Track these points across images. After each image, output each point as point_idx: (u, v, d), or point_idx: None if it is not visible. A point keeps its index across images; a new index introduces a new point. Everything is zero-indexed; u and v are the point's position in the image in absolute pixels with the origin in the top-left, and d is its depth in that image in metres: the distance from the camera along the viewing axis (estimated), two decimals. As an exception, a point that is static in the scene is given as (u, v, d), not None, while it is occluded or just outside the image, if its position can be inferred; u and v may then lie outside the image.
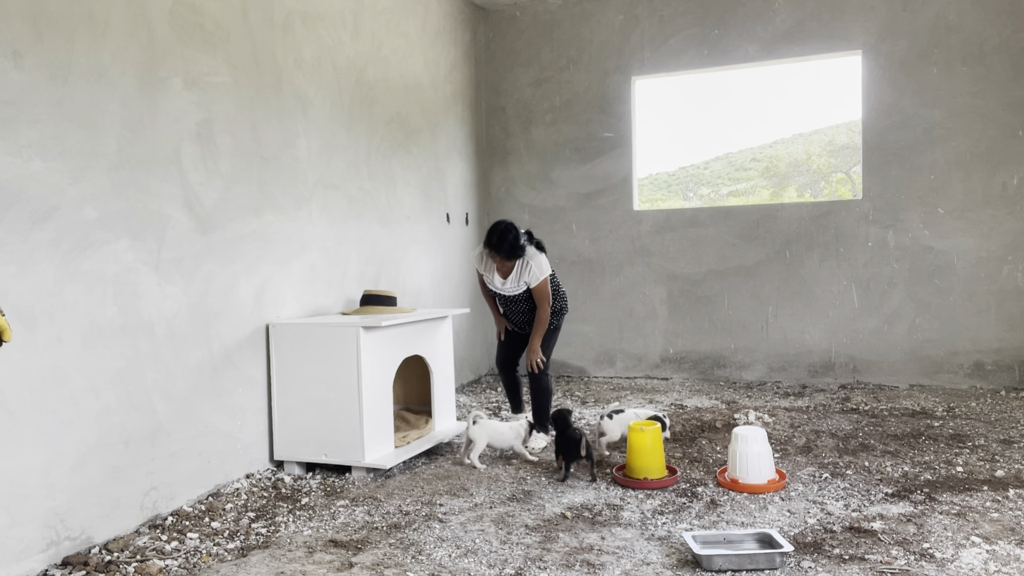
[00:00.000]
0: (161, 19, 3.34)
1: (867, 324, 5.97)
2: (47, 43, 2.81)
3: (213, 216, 3.64)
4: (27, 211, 2.74)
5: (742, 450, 3.47)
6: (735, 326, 6.33)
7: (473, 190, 6.71)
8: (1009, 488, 3.36)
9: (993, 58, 5.58)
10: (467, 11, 6.60)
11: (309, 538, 3.01)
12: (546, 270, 4.31)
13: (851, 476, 3.61)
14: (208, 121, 3.61)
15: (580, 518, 3.16)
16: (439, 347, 4.51)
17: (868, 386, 5.90)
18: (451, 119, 6.30)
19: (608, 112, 6.58)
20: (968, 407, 5.04)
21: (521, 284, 4.33)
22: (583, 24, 6.63)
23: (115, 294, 3.09)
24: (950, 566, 2.59)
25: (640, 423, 3.68)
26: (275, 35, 4.10)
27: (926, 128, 5.75)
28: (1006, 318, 5.64)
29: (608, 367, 6.71)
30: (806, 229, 6.11)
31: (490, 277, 4.43)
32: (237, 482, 3.76)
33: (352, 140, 4.82)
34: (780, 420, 4.74)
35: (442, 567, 2.69)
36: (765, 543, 2.74)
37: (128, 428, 3.14)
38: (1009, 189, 5.60)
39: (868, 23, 5.85)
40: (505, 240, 4.13)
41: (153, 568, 2.74)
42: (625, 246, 6.60)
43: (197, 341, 3.53)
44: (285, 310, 4.14)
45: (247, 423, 3.86)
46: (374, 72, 5.09)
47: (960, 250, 5.72)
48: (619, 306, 6.65)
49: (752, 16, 6.14)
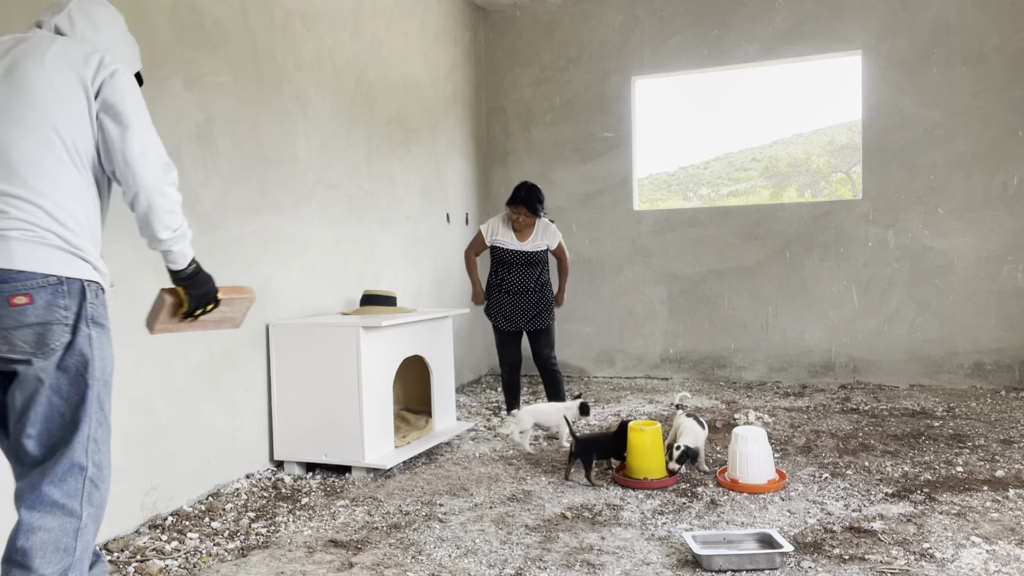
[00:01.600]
0: (161, 19, 3.34)
1: (867, 324, 5.97)
2: (47, 43, 2.81)
3: (213, 216, 3.64)
4: (27, 211, 2.73)
5: (742, 450, 3.48)
6: (735, 326, 6.33)
7: (473, 190, 6.71)
8: (1009, 488, 3.36)
9: (993, 58, 5.58)
10: (467, 11, 6.60)
11: (309, 538, 3.01)
12: (560, 233, 4.75)
13: (851, 476, 3.61)
14: (208, 121, 3.61)
15: (580, 518, 3.16)
16: (439, 347, 4.51)
17: (868, 386, 5.90)
18: (451, 119, 6.30)
19: (608, 112, 6.58)
20: (968, 407, 5.04)
21: (542, 243, 4.61)
22: (583, 24, 6.63)
23: (115, 294, 3.09)
24: (950, 566, 2.59)
25: (640, 423, 3.68)
26: (275, 35, 4.10)
27: (926, 128, 5.75)
28: (1006, 318, 5.64)
29: (608, 367, 6.71)
30: (806, 229, 6.11)
31: (506, 241, 4.61)
32: (237, 482, 3.76)
33: (352, 140, 4.82)
34: (780, 420, 4.74)
35: (442, 567, 2.69)
36: (765, 543, 2.74)
37: (128, 428, 3.14)
38: (1009, 189, 5.60)
39: (868, 23, 5.85)
40: (533, 193, 4.50)
41: (153, 568, 2.74)
42: (625, 246, 6.60)
43: (197, 341, 3.53)
44: (285, 310, 4.14)
45: (247, 423, 3.86)
46: (374, 72, 5.09)
47: (960, 250, 5.72)
48: (619, 306, 6.65)
49: (752, 16, 6.14)
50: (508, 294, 4.67)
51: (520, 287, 4.63)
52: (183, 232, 2.03)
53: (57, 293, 1.82)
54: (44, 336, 1.82)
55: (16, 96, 1.86)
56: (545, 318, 4.68)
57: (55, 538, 1.84)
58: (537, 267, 4.64)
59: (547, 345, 4.71)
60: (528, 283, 4.62)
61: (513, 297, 4.65)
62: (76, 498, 1.87)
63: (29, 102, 1.86)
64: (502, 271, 4.68)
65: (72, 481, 1.87)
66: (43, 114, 1.85)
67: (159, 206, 1.94)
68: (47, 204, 1.83)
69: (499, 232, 4.66)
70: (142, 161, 1.91)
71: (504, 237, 4.63)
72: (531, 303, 4.64)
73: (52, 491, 1.85)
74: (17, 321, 1.79)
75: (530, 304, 4.64)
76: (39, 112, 1.85)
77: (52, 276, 1.82)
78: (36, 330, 1.81)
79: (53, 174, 1.85)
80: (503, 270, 4.67)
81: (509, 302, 4.67)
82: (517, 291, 4.64)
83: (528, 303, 4.65)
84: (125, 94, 1.93)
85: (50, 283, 1.81)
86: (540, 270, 4.67)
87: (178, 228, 2.00)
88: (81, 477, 1.88)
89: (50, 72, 1.88)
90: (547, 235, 4.65)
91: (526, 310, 4.65)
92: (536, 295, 4.65)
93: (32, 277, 1.79)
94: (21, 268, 1.78)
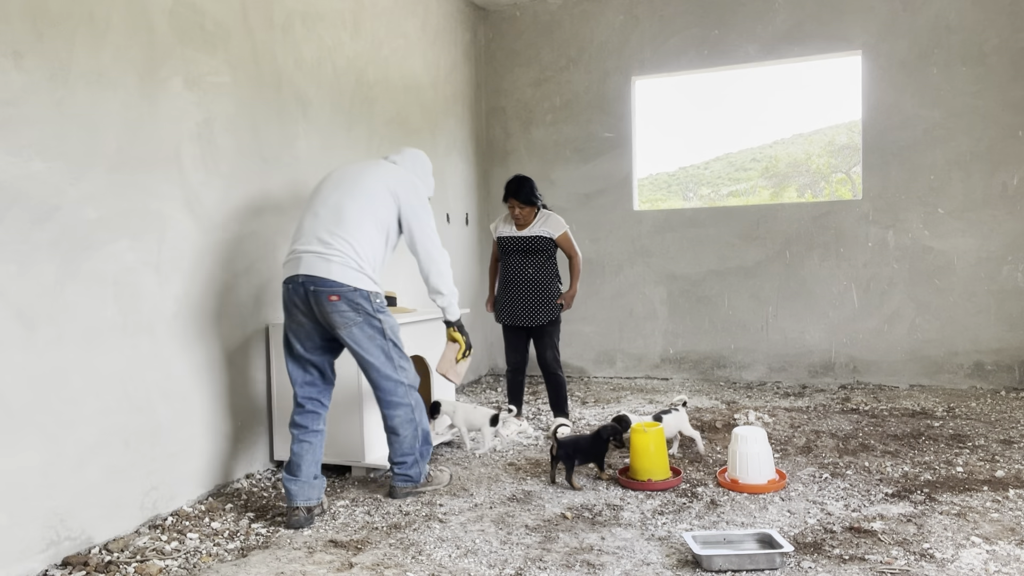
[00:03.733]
0: (161, 19, 3.34)
1: (867, 324, 5.97)
2: (47, 43, 2.81)
3: (213, 216, 3.64)
4: (27, 211, 2.73)
5: (742, 450, 3.47)
6: (735, 326, 6.33)
7: (473, 190, 6.71)
8: (1009, 488, 3.36)
9: (993, 58, 5.58)
10: (467, 11, 6.60)
11: (309, 538, 3.01)
12: (565, 224, 4.69)
13: (851, 476, 3.61)
14: (208, 121, 3.61)
15: (580, 518, 3.16)
16: (439, 347, 4.50)
17: (868, 386, 5.90)
18: (451, 119, 6.30)
19: (608, 112, 6.59)
20: (968, 407, 5.04)
21: (540, 231, 4.60)
22: (583, 24, 6.63)
23: (115, 294, 3.09)
24: (950, 566, 2.59)
25: (643, 424, 3.68)
26: (275, 35, 4.10)
27: (926, 128, 5.75)
28: (1006, 318, 5.64)
29: (608, 367, 6.71)
30: (806, 229, 6.11)
31: (505, 231, 4.67)
32: (237, 482, 3.76)
33: (352, 140, 4.82)
34: (780, 420, 4.74)
35: (442, 567, 2.69)
36: (765, 543, 2.74)
37: (128, 428, 3.14)
38: (1009, 189, 5.60)
39: (868, 23, 5.85)
40: (523, 184, 4.55)
41: (153, 568, 2.74)
42: (625, 246, 6.60)
43: (197, 341, 3.53)
44: (285, 310, 4.14)
45: (247, 423, 3.86)
46: (374, 72, 5.09)
47: (960, 250, 5.72)
48: (619, 306, 6.65)
49: (752, 16, 6.14)
50: (506, 285, 4.66)
51: (516, 276, 4.59)
52: (453, 292, 3.54)
53: (353, 295, 3.19)
54: (343, 318, 3.20)
55: (359, 185, 3.35)
56: (543, 314, 4.57)
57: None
58: (533, 256, 4.57)
59: (549, 346, 4.62)
60: (525, 271, 4.57)
61: (510, 288, 4.62)
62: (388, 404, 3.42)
63: (363, 190, 3.34)
64: (503, 261, 4.69)
65: (387, 391, 3.38)
66: (368, 198, 3.32)
67: (435, 272, 3.47)
68: (355, 244, 3.23)
69: (501, 227, 4.71)
70: (424, 249, 3.43)
71: (505, 229, 4.68)
72: (528, 295, 4.57)
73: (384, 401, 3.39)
74: (331, 309, 3.18)
75: (527, 296, 4.57)
76: (366, 197, 3.32)
77: (350, 286, 3.18)
78: (340, 315, 3.19)
79: (362, 229, 3.27)
80: (503, 260, 4.68)
81: (507, 295, 4.65)
82: (514, 280, 4.60)
83: (525, 294, 4.58)
84: (417, 208, 3.42)
85: (350, 289, 3.18)
86: (539, 260, 4.59)
87: (450, 291, 3.52)
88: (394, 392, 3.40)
89: (379, 180, 3.38)
90: (548, 224, 4.60)
91: (523, 303, 4.58)
92: (532, 286, 4.57)
93: (342, 286, 3.17)
94: (335, 279, 3.17)
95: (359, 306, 3.20)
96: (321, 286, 3.17)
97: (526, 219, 4.59)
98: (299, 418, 3.32)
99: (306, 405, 3.32)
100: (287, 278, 3.28)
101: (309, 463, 3.25)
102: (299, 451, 3.27)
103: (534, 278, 4.58)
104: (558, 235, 4.61)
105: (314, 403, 3.34)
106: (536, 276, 4.58)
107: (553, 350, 4.65)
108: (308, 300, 3.21)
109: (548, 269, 4.63)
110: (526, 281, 4.59)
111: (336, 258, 3.19)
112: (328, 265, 3.18)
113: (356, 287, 3.20)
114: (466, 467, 3.96)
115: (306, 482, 3.20)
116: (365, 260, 3.25)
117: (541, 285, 4.59)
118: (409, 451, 3.42)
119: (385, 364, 3.30)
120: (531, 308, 4.59)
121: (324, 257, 3.19)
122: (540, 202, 4.62)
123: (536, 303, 4.59)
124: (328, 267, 3.18)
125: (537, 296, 4.59)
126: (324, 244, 3.21)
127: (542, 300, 4.59)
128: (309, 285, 3.18)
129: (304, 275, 3.20)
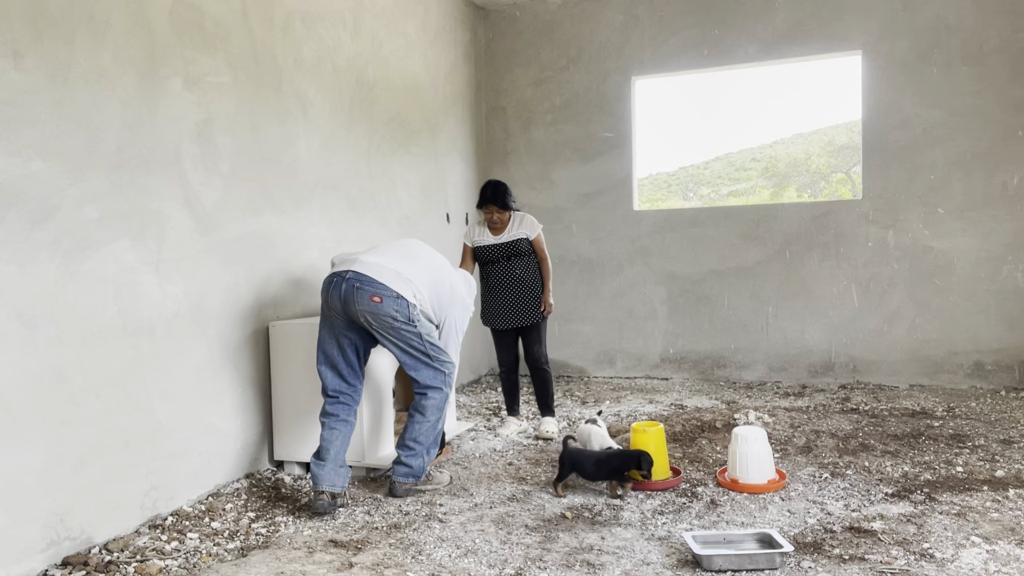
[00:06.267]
0: (161, 19, 3.34)
1: (867, 324, 5.97)
2: (47, 43, 2.81)
3: (213, 216, 3.64)
4: (27, 211, 2.74)
5: (742, 450, 3.47)
6: (735, 326, 6.33)
7: (473, 190, 6.70)
8: (1009, 488, 3.36)
9: (993, 58, 5.58)
10: (467, 11, 6.60)
11: (309, 538, 3.01)
12: (539, 224, 4.72)
13: (851, 476, 3.61)
14: (208, 121, 3.61)
15: (580, 518, 3.16)
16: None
17: (868, 386, 5.90)
18: (451, 119, 6.30)
19: (608, 112, 6.59)
20: (968, 407, 5.04)
21: (518, 233, 4.62)
22: (583, 24, 6.63)
23: (115, 294, 3.09)
24: (950, 566, 2.59)
25: (643, 424, 3.68)
26: (275, 35, 4.10)
27: (926, 128, 5.75)
28: (1006, 318, 5.64)
29: (608, 367, 6.71)
30: (806, 229, 6.11)
31: (483, 239, 4.67)
32: (237, 482, 3.76)
33: (352, 140, 4.82)
34: (780, 420, 4.74)
35: (442, 567, 2.69)
36: (765, 543, 2.74)
37: (128, 428, 3.14)
38: (1009, 189, 5.60)
39: (868, 23, 5.85)
40: (499, 190, 4.56)
41: (153, 568, 2.74)
42: (625, 246, 6.60)
43: (197, 341, 3.53)
44: (285, 310, 4.14)
45: (247, 423, 3.86)
46: (374, 72, 5.09)
47: (960, 250, 5.72)
48: (619, 306, 6.65)
49: (752, 16, 6.14)
50: (492, 290, 4.68)
51: (502, 281, 4.63)
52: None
53: (396, 301, 3.31)
54: (380, 321, 3.32)
55: (436, 258, 3.67)
56: (531, 314, 4.63)
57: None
58: (517, 258, 4.62)
59: (536, 341, 4.69)
60: (511, 275, 4.61)
61: (497, 293, 4.66)
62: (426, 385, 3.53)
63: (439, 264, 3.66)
64: (486, 269, 4.70)
65: (424, 378, 3.49)
66: (440, 270, 3.63)
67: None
68: (416, 280, 3.42)
69: (476, 233, 4.71)
70: (451, 341, 3.68)
71: (481, 237, 4.67)
72: (517, 296, 4.63)
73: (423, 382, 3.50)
74: (370, 308, 3.29)
75: (514, 298, 4.63)
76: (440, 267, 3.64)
77: (395, 292, 3.31)
78: (378, 316, 3.30)
79: (421, 276, 3.47)
80: (486, 268, 4.70)
81: (494, 299, 4.68)
82: (500, 285, 4.64)
83: (511, 297, 4.63)
84: (460, 322, 3.74)
85: (394, 296, 3.31)
86: (524, 261, 4.64)
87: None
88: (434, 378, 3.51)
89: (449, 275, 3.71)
90: (524, 225, 4.64)
91: (511, 305, 4.63)
92: (520, 287, 4.62)
93: (388, 290, 3.30)
94: (384, 283, 3.30)
95: (398, 311, 3.31)
96: (367, 285, 3.28)
97: (502, 223, 4.62)
98: (330, 407, 3.43)
99: (339, 397, 3.45)
100: (333, 273, 3.37)
101: (338, 449, 3.35)
102: (328, 437, 3.37)
103: (522, 278, 4.63)
104: (534, 236, 4.66)
105: (345, 396, 3.46)
106: (524, 276, 4.63)
107: (540, 345, 4.72)
108: (348, 295, 3.28)
109: (533, 268, 4.69)
110: (515, 283, 4.62)
111: (394, 272, 3.35)
112: (382, 272, 3.32)
113: (400, 295, 3.31)
114: (466, 467, 3.96)
115: (333, 468, 3.30)
116: (421, 292, 3.44)
117: (528, 285, 4.64)
118: (423, 438, 3.47)
119: (423, 356, 3.43)
120: (521, 309, 4.64)
121: (385, 268, 3.35)
122: (515, 205, 4.65)
123: (525, 303, 4.65)
124: (382, 273, 3.32)
125: (525, 296, 4.64)
126: (391, 261, 3.40)
127: (530, 300, 4.65)
128: (355, 282, 3.28)
129: (354, 272, 3.31)
